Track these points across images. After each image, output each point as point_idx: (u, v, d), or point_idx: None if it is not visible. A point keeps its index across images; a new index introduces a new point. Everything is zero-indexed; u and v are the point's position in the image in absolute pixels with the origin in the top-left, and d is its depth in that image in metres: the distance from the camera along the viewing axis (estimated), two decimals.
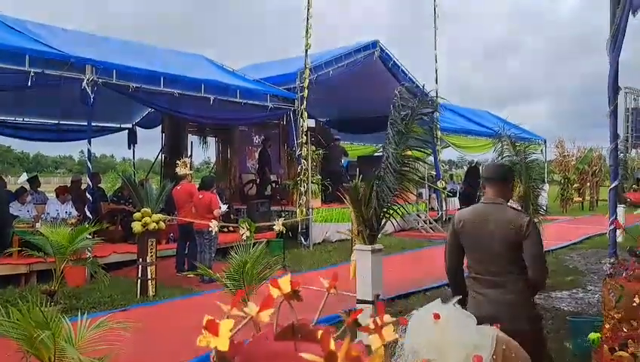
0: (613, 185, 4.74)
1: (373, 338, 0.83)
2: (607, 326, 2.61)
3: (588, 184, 22.40)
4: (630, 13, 4.71)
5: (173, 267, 8.76)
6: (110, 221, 10.14)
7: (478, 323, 2.52)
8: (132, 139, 15.42)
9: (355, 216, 5.13)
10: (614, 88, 4.68)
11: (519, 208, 4.49)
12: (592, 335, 3.92)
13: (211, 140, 15.44)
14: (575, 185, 21.37)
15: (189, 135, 14.52)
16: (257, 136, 15.72)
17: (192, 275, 8.44)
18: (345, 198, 5.21)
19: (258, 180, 14.30)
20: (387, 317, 0.88)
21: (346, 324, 0.91)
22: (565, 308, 6.64)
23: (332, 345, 0.78)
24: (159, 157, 14.66)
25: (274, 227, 6.55)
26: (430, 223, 14.43)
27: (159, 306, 6.79)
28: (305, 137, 11.35)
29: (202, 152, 15.69)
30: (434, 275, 8.23)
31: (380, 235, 13.62)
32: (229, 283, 4.26)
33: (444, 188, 14.47)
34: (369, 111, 16.39)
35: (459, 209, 18.03)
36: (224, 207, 8.51)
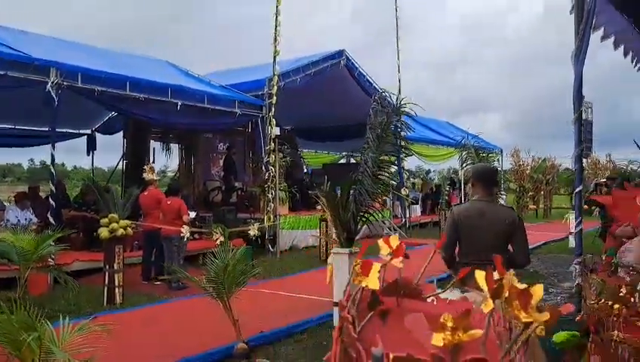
0: (578, 189, 4.98)
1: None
2: (588, 315, 2.75)
3: (542, 192, 23.25)
4: (591, 30, 5.01)
5: (139, 275, 8.59)
6: (72, 228, 9.85)
7: None
8: (91, 146, 15.03)
9: (332, 220, 5.19)
10: (579, 97, 4.93)
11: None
12: (559, 336, 4.06)
13: (174, 147, 15.24)
14: (530, 193, 22.13)
15: (151, 141, 14.30)
16: (222, 143, 15.60)
17: (159, 282, 8.33)
18: (322, 203, 5.26)
19: (223, 187, 14.18)
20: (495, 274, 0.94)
21: (455, 280, 1.00)
22: None
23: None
24: (120, 163, 14.35)
25: (249, 232, 6.51)
26: (395, 230, 14.63)
27: (128, 313, 6.64)
28: (273, 144, 11.35)
29: (166, 159, 15.44)
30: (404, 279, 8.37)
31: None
32: (209, 287, 4.23)
33: (407, 196, 14.74)
34: (334, 120, 16.58)
35: (420, 215, 18.46)
36: (192, 214, 8.41)
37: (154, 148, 14.31)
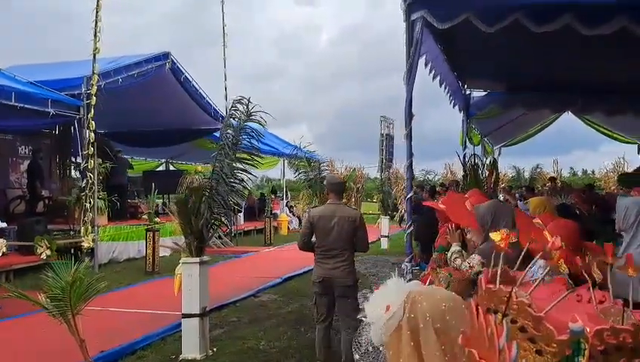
0: (409, 195, 5.59)
1: None
2: None
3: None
4: (419, 56, 5.69)
5: None
6: None
7: (323, 279, 4.57)
8: None
9: (182, 228, 5.02)
10: (409, 114, 5.54)
11: None
12: None
13: None
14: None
15: None
16: (24, 147, 13.82)
17: None
18: (171, 212, 5.05)
19: (27, 196, 12.55)
20: None
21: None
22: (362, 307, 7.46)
23: None
24: None
25: (83, 244, 5.86)
26: (221, 238, 14.52)
27: None
28: (92, 148, 10.41)
29: None
30: (238, 288, 8.40)
31: (168, 253, 13.20)
32: (50, 306, 3.76)
33: (237, 204, 14.79)
34: (155, 125, 15.86)
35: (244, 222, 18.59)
36: (2, 224, 7.33)
37: None
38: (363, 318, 1.61)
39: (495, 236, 1.22)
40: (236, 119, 4.93)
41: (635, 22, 4.58)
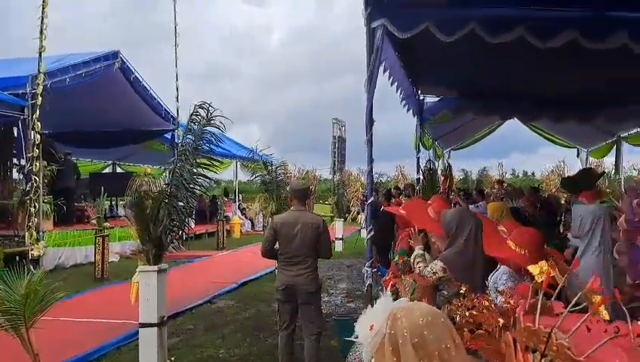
0: (370, 200, 5.65)
1: None
2: None
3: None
4: (379, 63, 5.76)
5: None
6: None
7: (286, 286, 4.55)
8: None
9: (139, 235, 4.87)
10: (370, 120, 5.60)
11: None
12: None
13: None
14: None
15: None
16: None
17: None
18: (127, 218, 4.89)
19: None
20: None
21: None
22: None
23: None
24: None
25: (32, 252, 5.55)
26: (172, 243, 14.16)
27: None
28: (37, 150, 9.97)
29: None
30: (193, 294, 8.25)
31: (117, 259, 12.81)
32: (1, 320, 3.57)
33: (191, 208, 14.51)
34: (102, 126, 15.36)
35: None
36: None
37: None
38: (354, 339, 1.61)
39: (533, 269, 1.24)
40: (197, 124, 4.83)
41: (583, 35, 4.81)
